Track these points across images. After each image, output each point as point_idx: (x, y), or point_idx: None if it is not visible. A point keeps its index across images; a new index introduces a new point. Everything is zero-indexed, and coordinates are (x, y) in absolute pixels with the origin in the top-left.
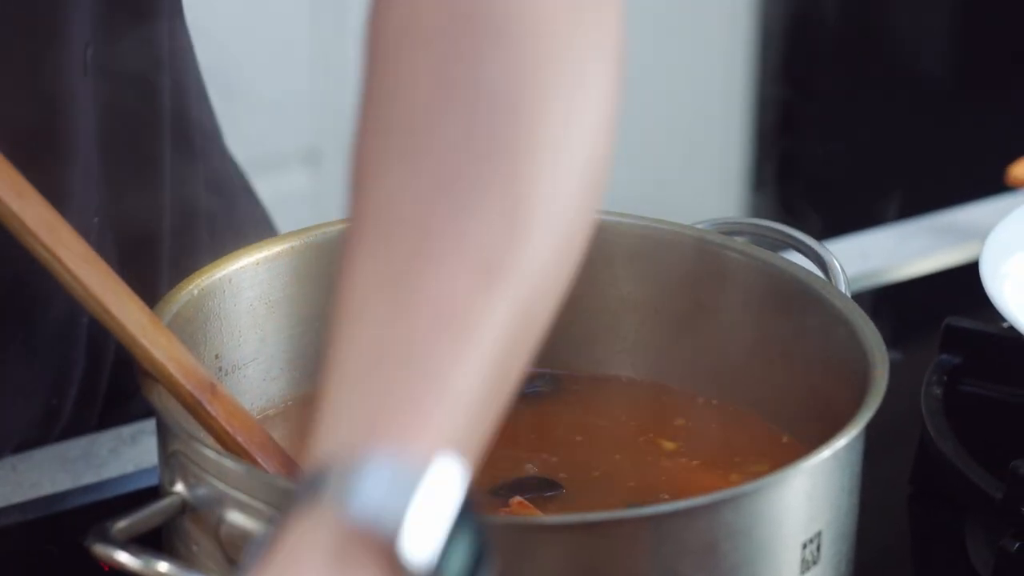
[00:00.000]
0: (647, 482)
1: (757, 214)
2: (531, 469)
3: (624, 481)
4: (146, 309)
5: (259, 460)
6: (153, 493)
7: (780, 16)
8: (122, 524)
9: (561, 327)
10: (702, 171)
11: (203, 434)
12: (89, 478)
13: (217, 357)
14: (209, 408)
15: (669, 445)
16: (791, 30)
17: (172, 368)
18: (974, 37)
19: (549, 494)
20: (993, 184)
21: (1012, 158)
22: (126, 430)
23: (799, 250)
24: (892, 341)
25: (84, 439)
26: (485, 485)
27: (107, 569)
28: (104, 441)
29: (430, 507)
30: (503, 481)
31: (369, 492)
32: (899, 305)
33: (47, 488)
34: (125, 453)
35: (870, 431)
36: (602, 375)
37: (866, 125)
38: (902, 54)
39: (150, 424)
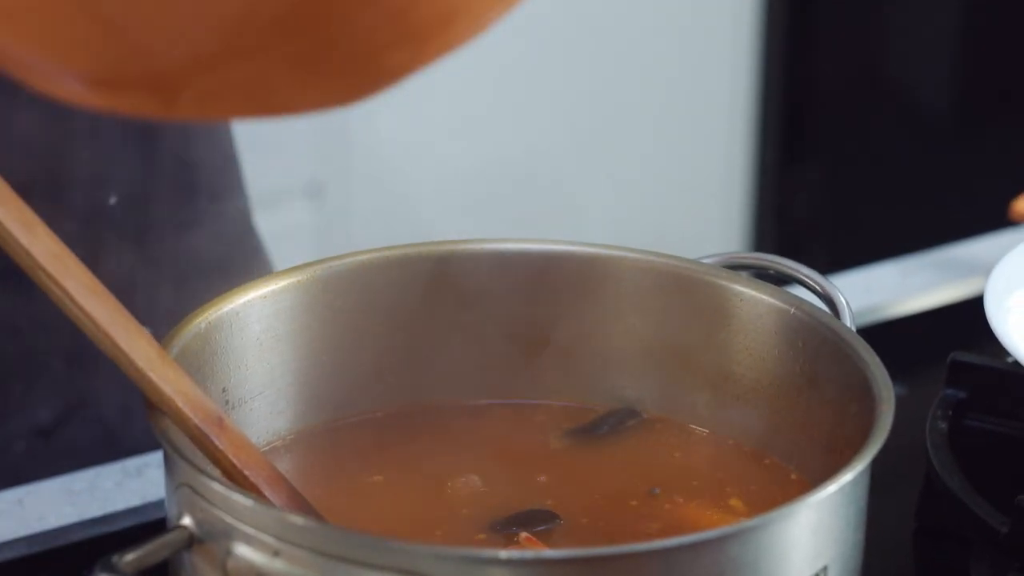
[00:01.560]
0: (649, 517)
1: (760, 249)
2: (535, 503)
3: (626, 515)
4: (154, 343)
5: (266, 494)
6: (159, 526)
7: (781, 52)
8: (129, 557)
9: (565, 361)
10: (704, 206)
11: (211, 467)
12: (94, 511)
13: (224, 391)
14: (216, 442)
15: (673, 480)
16: (792, 67)
17: (180, 401)
18: (977, 70)
19: (547, 527)
20: (996, 219)
21: (1015, 193)
22: (131, 463)
23: (804, 284)
24: (896, 376)
25: (90, 472)
26: (484, 520)
27: None
28: (109, 474)
29: None
30: (501, 516)
31: None
32: (903, 340)
33: (52, 521)
34: (130, 486)
35: (875, 466)
36: (607, 408)
37: (868, 160)
38: (904, 88)
39: (155, 457)
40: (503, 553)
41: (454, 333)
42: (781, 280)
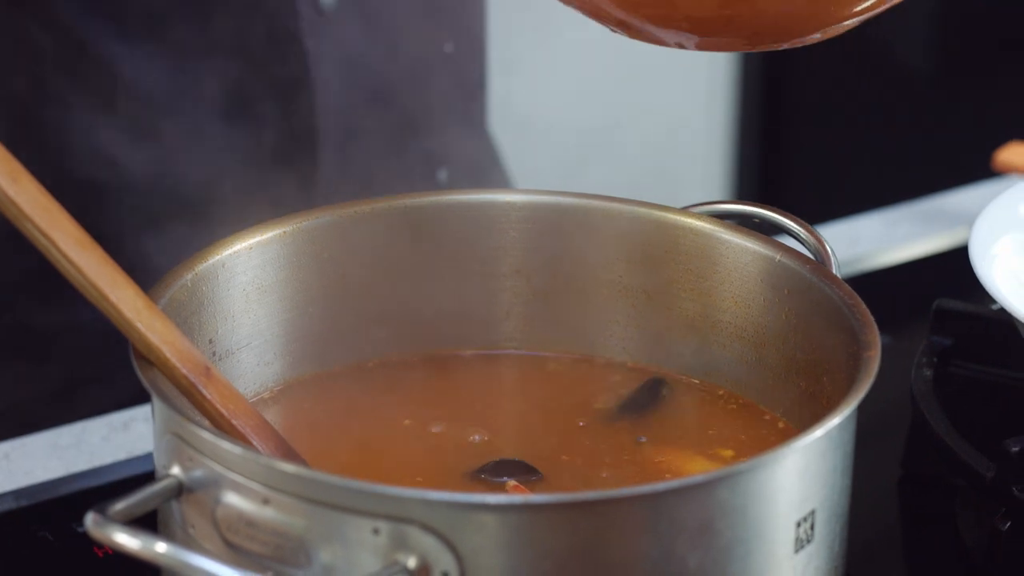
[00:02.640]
0: (636, 465)
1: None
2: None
3: (608, 466)
4: (141, 293)
5: (254, 443)
6: (146, 479)
7: None
8: (118, 506)
9: (552, 310)
10: (689, 158)
11: (199, 416)
12: (81, 465)
13: (211, 342)
14: (204, 391)
15: (663, 429)
16: None
17: (168, 351)
18: (960, 23)
19: (533, 479)
20: (980, 170)
21: (999, 143)
22: (117, 417)
23: (790, 233)
24: (882, 326)
25: (76, 426)
26: (465, 468)
27: (101, 555)
28: (96, 428)
29: None
30: (483, 464)
31: None
32: (888, 290)
33: (40, 475)
34: (117, 440)
35: (862, 415)
36: (593, 358)
37: (854, 112)
38: (888, 41)
39: (142, 411)
40: (491, 498)
41: (439, 283)
42: (767, 230)
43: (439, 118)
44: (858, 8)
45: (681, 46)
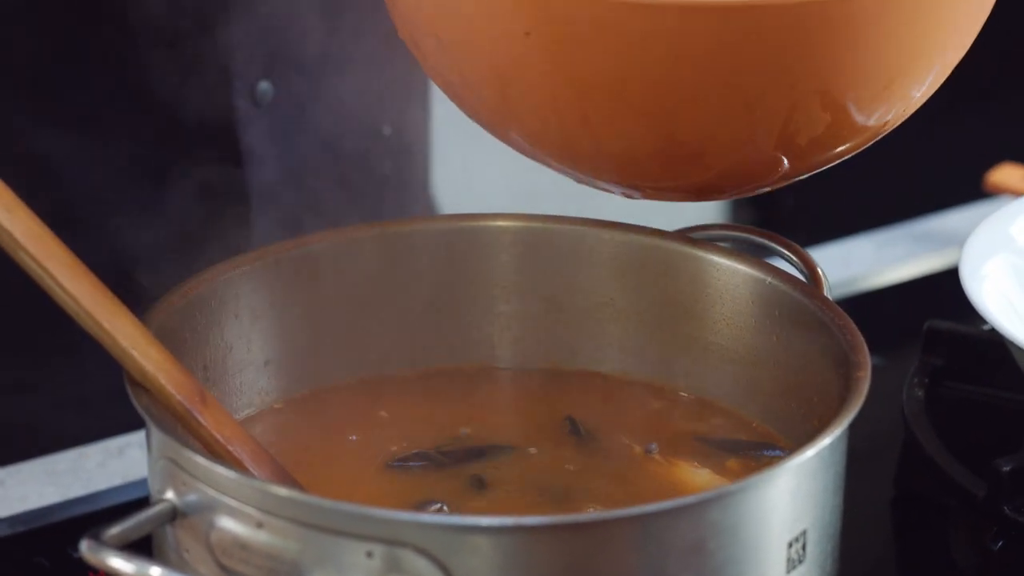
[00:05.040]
0: (631, 482)
1: (737, 222)
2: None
3: (611, 480)
4: (136, 321)
5: (250, 468)
6: (142, 505)
7: None
8: (113, 531)
9: (544, 334)
10: None
11: (193, 442)
12: (77, 491)
13: (204, 367)
14: (200, 418)
15: (652, 443)
16: None
17: (163, 379)
18: None
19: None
20: (972, 191)
21: (990, 165)
22: (113, 443)
23: (781, 256)
24: (873, 348)
25: (72, 452)
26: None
27: None
28: (91, 454)
29: None
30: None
31: None
32: (880, 311)
33: (35, 501)
34: (113, 466)
35: (854, 436)
36: (587, 372)
37: None
38: None
39: (137, 437)
40: (484, 520)
41: (431, 308)
42: (760, 252)
43: (379, 199)
44: (796, 170)
45: (628, 196)
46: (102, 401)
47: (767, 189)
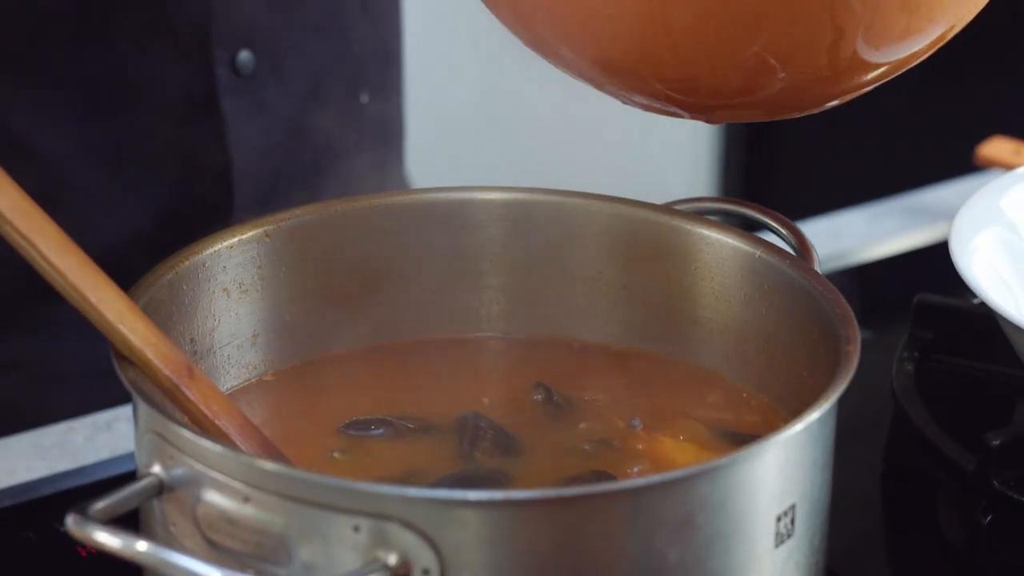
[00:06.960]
0: (622, 453)
1: (727, 195)
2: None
3: (597, 449)
4: (123, 295)
5: (238, 442)
6: (129, 479)
7: None
8: (100, 505)
9: (532, 306)
10: (672, 152)
11: (179, 416)
12: (65, 465)
13: (192, 340)
14: (187, 392)
15: (643, 416)
16: None
17: (150, 353)
18: None
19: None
20: (962, 165)
21: (980, 139)
22: (101, 417)
23: (771, 229)
24: (863, 321)
25: (60, 426)
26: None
27: (84, 554)
28: (79, 428)
29: None
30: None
31: None
32: (870, 285)
33: (23, 475)
34: (100, 440)
35: (844, 409)
36: (577, 341)
37: (836, 108)
38: None
39: (125, 411)
40: (471, 494)
41: (419, 281)
42: (749, 226)
43: (356, 168)
44: (872, 76)
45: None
46: (88, 377)
47: (835, 102)
